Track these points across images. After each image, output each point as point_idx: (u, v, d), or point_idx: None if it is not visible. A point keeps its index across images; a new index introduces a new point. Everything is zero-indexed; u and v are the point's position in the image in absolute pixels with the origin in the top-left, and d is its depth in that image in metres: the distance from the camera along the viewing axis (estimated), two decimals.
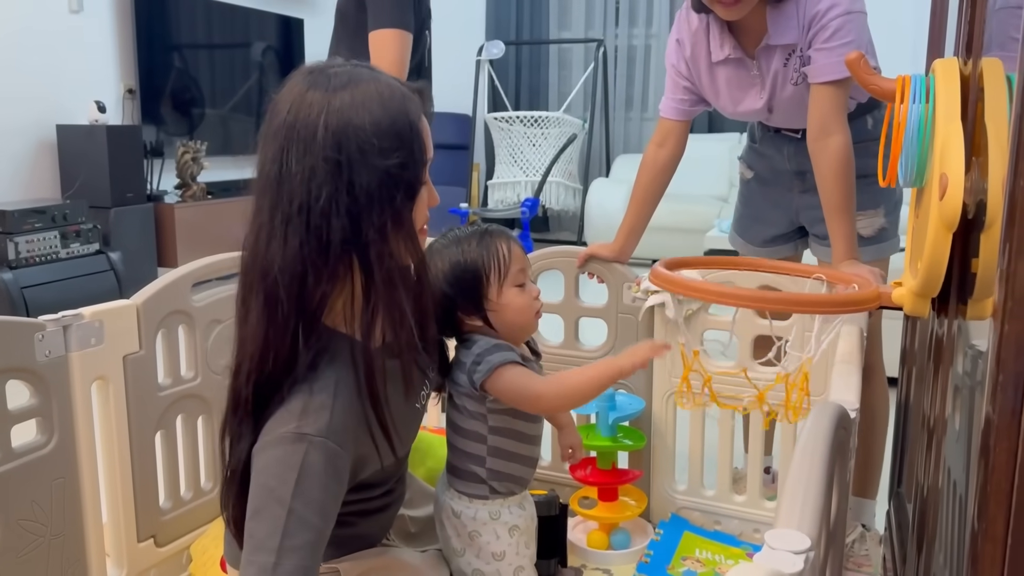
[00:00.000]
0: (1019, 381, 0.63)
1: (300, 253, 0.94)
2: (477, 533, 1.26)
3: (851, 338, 1.23)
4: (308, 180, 0.93)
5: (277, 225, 0.95)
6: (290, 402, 0.95)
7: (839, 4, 1.49)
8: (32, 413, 1.27)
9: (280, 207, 0.95)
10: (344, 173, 0.93)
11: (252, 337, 0.97)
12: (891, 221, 1.70)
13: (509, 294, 1.26)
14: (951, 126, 0.92)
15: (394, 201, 0.96)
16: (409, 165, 0.97)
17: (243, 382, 0.98)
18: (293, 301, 0.95)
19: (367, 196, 0.94)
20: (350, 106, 0.94)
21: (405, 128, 0.97)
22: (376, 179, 0.94)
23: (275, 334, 0.95)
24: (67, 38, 3.96)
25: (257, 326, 0.96)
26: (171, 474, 1.53)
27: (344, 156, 0.93)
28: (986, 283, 0.77)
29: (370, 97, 0.96)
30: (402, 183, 0.97)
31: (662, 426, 1.82)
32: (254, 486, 0.93)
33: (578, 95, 5.81)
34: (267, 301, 0.95)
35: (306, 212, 0.93)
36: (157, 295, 1.46)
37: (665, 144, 1.76)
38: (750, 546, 1.76)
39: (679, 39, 1.70)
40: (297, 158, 0.94)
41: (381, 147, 0.94)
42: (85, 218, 3.67)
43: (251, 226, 0.98)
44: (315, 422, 0.93)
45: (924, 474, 1.19)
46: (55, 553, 1.29)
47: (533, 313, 1.29)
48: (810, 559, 0.54)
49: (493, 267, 1.25)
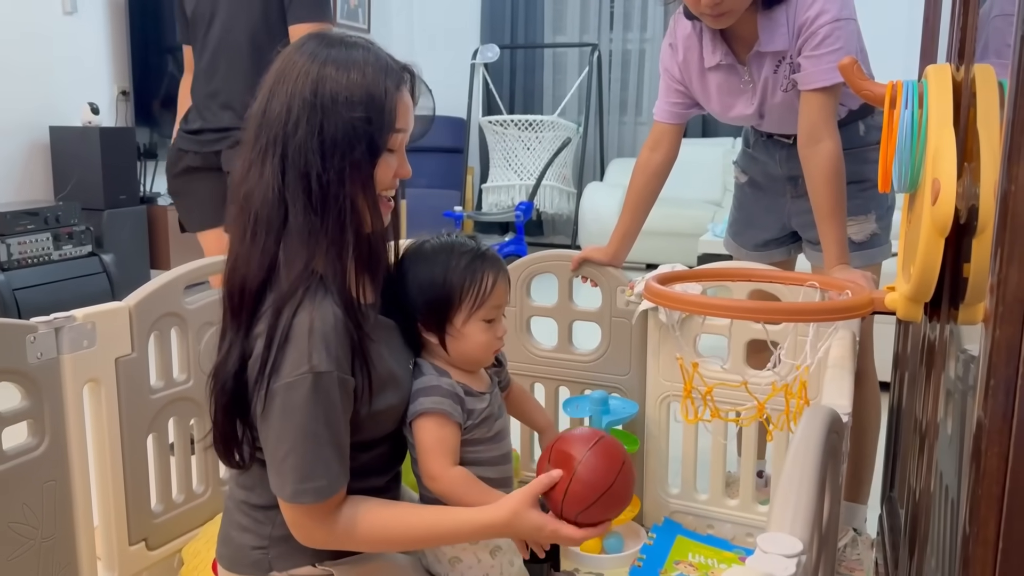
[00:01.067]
0: (1010, 385, 0.63)
1: (272, 181, 1.05)
2: (457, 559, 1.22)
3: (843, 343, 1.24)
4: (286, 116, 1.05)
5: (256, 156, 1.07)
6: (295, 340, 1.01)
7: (828, 11, 1.49)
8: (23, 415, 1.26)
9: (260, 140, 1.07)
10: (316, 115, 1.04)
11: (234, 254, 1.09)
12: (883, 226, 1.71)
13: (474, 327, 1.20)
14: (943, 131, 0.92)
15: (354, 151, 1.05)
16: (374, 123, 1.06)
17: (228, 292, 1.09)
18: (264, 223, 1.06)
19: (332, 140, 1.04)
20: (335, 62, 1.06)
21: (378, 91, 1.06)
22: (342, 127, 1.05)
23: (251, 253, 1.07)
24: (61, 39, 3.94)
25: (238, 245, 1.08)
26: (163, 477, 1.53)
27: (318, 100, 1.04)
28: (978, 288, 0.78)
29: (355, 59, 1.07)
30: (364, 137, 1.06)
31: (655, 430, 1.82)
32: (285, 425, 1.01)
33: (572, 99, 5.82)
34: (246, 223, 1.07)
35: (281, 144, 1.05)
36: (149, 297, 1.46)
37: (659, 148, 1.76)
38: (743, 550, 1.76)
39: (672, 43, 1.70)
40: (280, 98, 1.06)
41: (351, 100, 1.04)
42: (78, 220, 3.66)
43: (240, 158, 1.10)
44: (324, 358, 1.01)
45: (916, 478, 1.20)
46: (46, 556, 1.28)
47: (491, 352, 1.24)
48: (802, 563, 0.55)
49: (469, 295, 1.19)
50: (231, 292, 1.09)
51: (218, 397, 1.09)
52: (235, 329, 1.08)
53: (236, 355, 1.07)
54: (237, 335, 1.07)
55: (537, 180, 5.21)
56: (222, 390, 1.08)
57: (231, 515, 1.18)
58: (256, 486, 1.14)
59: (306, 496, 1.02)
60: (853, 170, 1.59)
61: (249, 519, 1.15)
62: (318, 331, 1.01)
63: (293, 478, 1.02)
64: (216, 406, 1.10)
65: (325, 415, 1.02)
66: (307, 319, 1.02)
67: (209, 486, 1.62)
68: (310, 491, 1.02)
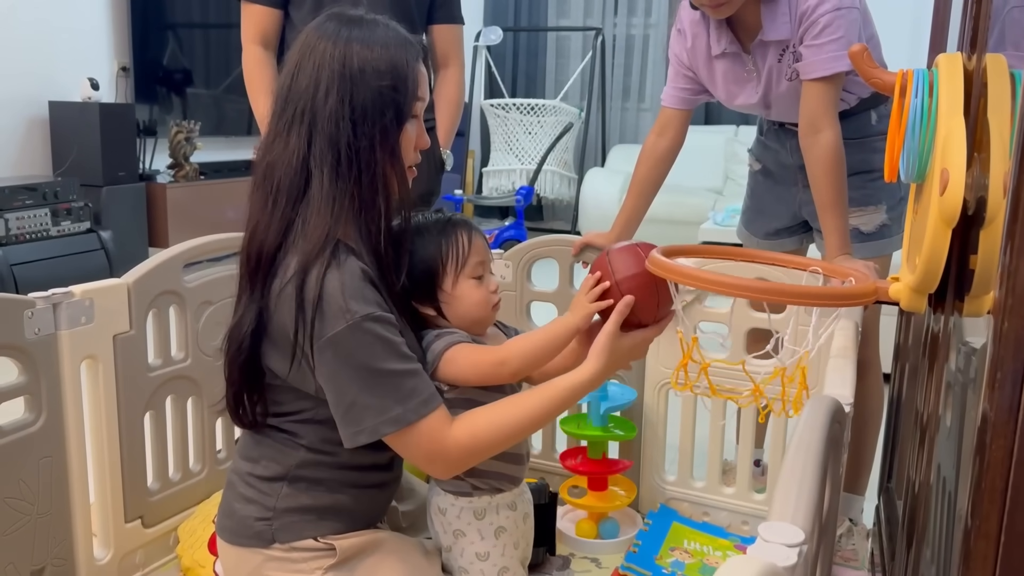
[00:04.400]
0: (1017, 378, 0.62)
1: (298, 151, 1.10)
2: (461, 532, 1.24)
3: (846, 332, 1.23)
4: (314, 88, 1.09)
5: (282, 127, 1.11)
6: (328, 298, 1.04)
7: (828, 0, 1.48)
8: (20, 391, 1.26)
9: (286, 112, 1.11)
10: (346, 84, 1.09)
11: (254, 221, 1.12)
12: (893, 217, 1.70)
13: (465, 286, 1.22)
14: (953, 121, 0.91)
15: (383, 117, 1.10)
16: (400, 90, 1.11)
17: (246, 257, 1.12)
18: (285, 191, 1.10)
19: (362, 108, 1.09)
20: (359, 37, 1.11)
21: (401, 61, 1.12)
22: (370, 95, 1.09)
23: (271, 220, 1.10)
24: (61, 14, 3.91)
25: (259, 213, 1.12)
26: (160, 455, 1.53)
27: (347, 70, 1.09)
28: (984, 280, 0.77)
29: (377, 33, 1.12)
30: (392, 105, 1.11)
31: (653, 417, 1.82)
32: (347, 371, 1.05)
33: (575, 84, 5.79)
34: (267, 191, 1.11)
35: (310, 115, 1.09)
36: (148, 275, 1.45)
37: (665, 133, 1.75)
38: (738, 538, 1.77)
39: (680, 29, 1.69)
40: (307, 71, 1.10)
41: (378, 70, 1.10)
42: (76, 196, 3.64)
43: (266, 132, 1.15)
44: (363, 303, 1.05)
45: (915, 470, 1.19)
46: (41, 532, 1.28)
47: (490, 307, 1.25)
48: (804, 552, 0.54)
49: (451, 258, 1.22)
50: (248, 257, 1.12)
51: (234, 356, 1.12)
52: (251, 291, 1.11)
53: (252, 315, 1.10)
54: (252, 296, 1.11)
55: (538, 165, 5.19)
56: (238, 349, 1.11)
57: (234, 487, 1.18)
58: (263, 458, 1.16)
59: (387, 427, 1.05)
60: (863, 159, 1.58)
61: (254, 491, 1.15)
62: (349, 285, 1.05)
63: (369, 415, 1.05)
64: (231, 366, 1.13)
65: (383, 350, 1.05)
66: (336, 278, 1.05)
67: (206, 465, 1.62)
68: (391, 420, 1.05)
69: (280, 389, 1.13)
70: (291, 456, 1.14)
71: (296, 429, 1.14)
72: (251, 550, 1.15)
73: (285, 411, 1.15)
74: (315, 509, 1.14)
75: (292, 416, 1.14)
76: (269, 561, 1.14)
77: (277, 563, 1.14)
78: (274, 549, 1.14)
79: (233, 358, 1.12)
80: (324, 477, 1.15)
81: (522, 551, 1.29)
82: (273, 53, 1.92)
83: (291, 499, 1.13)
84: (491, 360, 1.18)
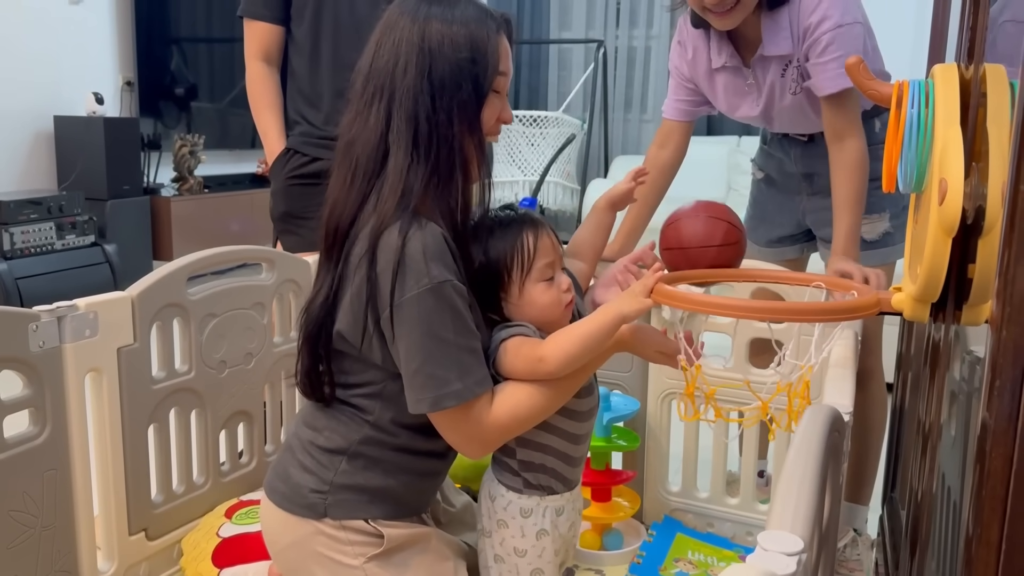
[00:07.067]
0: (1016, 387, 0.63)
1: (377, 127, 1.11)
2: (504, 523, 1.22)
3: (846, 342, 1.23)
4: (393, 63, 1.10)
5: (362, 106, 1.12)
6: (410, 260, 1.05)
7: (830, 17, 1.48)
8: (25, 404, 1.26)
9: (366, 91, 1.12)
10: (425, 58, 1.09)
11: (333, 199, 1.14)
12: (896, 225, 1.70)
13: (534, 291, 1.17)
14: (950, 131, 0.92)
15: (461, 91, 1.10)
16: (479, 63, 1.11)
17: (325, 233, 1.14)
18: (363, 168, 1.11)
19: (440, 81, 1.09)
20: (439, 13, 1.12)
21: (481, 35, 1.12)
22: (449, 69, 1.10)
23: (348, 196, 1.12)
24: (66, 29, 3.94)
25: (338, 191, 1.13)
26: (163, 467, 1.53)
27: (426, 44, 1.09)
28: (982, 288, 0.77)
29: (457, 8, 1.13)
30: (471, 78, 1.11)
31: (656, 427, 1.82)
32: (414, 337, 1.05)
33: (577, 95, 5.80)
34: (347, 169, 1.13)
35: (388, 90, 1.10)
36: (152, 288, 1.45)
37: (667, 145, 1.76)
38: (742, 548, 1.76)
39: (681, 41, 1.70)
40: (387, 48, 1.11)
41: (456, 43, 1.10)
42: (81, 210, 3.66)
43: (347, 112, 1.16)
44: (443, 268, 1.06)
45: (918, 480, 1.19)
46: (45, 545, 1.28)
47: (562, 307, 1.18)
48: (803, 561, 0.54)
49: (515, 262, 1.16)
50: (327, 233, 1.14)
51: (308, 327, 1.14)
52: (327, 264, 1.14)
53: (327, 286, 1.12)
54: (329, 269, 1.13)
55: (541, 176, 5.20)
56: (312, 320, 1.13)
57: (294, 453, 1.18)
58: (326, 428, 1.16)
59: (449, 400, 1.06)
60: None
61: (313, 461, 1.16)
62: (431, 248, 1.05)
63: (432, 385, 1.06)
64: (304, 338, 1.15)
65: (453, 322, 1.06)
66: (419, 241, 1.05)
67: (209, 477, 1.62)
68: (452, 395, 1.06)
69: (351, 359, 1.14)
70: (355, 431, 1.15)
71: (364, 404, 1.14)
72: (301, 519, 1.15)
73: (354, 382, 1.15)
74: (368, 490, 1.15)
75: (361, 388, 1.14)
76: (318, 535, 1.14)
77: (326, 539, 1.14)
78: (325, 524, 1.14)
79: (308, 330, 1.14)
80: (383, 458, 1.15)
81: (562, 557, 1.26)
82: (276, 69, 1.94)
83: (348, 476, 1.14)
84: (531, 355, 1.12)
